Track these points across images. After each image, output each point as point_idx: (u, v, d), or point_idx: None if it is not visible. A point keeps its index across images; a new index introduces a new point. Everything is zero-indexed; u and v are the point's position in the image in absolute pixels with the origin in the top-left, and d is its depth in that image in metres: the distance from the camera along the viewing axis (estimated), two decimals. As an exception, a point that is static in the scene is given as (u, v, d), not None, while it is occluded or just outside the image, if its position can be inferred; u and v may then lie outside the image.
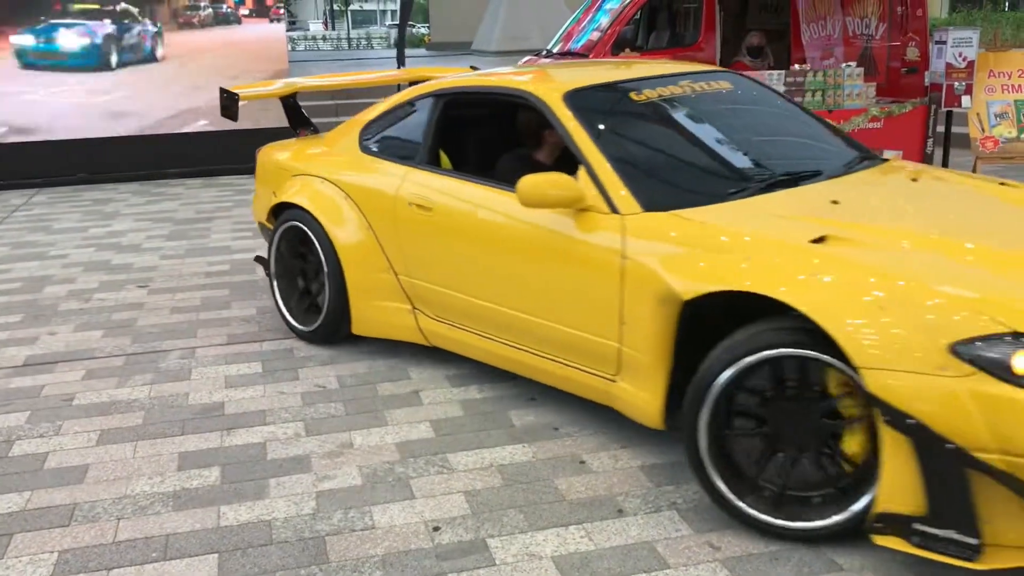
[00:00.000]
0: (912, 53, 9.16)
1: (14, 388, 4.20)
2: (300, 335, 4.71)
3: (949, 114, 7.90)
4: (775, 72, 7.47)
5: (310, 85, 5.68)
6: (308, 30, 51.65)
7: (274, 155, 5.08)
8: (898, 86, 8.90)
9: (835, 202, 3.32)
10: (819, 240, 2.91)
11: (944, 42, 7.65)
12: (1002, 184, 3.66)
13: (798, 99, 7.38)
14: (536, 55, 9.44)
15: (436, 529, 2.95)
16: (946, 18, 20.57)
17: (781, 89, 7.36)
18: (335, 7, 54.67)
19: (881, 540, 2.62)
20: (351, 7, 55.68)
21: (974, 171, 7.89)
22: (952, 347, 2.48)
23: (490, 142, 4.38)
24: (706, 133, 3.90)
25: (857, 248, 2.88)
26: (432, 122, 4.26)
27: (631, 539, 2.87)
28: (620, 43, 8.63)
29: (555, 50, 9.25)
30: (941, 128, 7.89)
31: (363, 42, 41.06)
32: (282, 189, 4.73)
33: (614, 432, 3.57)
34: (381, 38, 40.09)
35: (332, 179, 4.53)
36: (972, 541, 2.48)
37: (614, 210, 3.32)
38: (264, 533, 2.96)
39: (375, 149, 4.49)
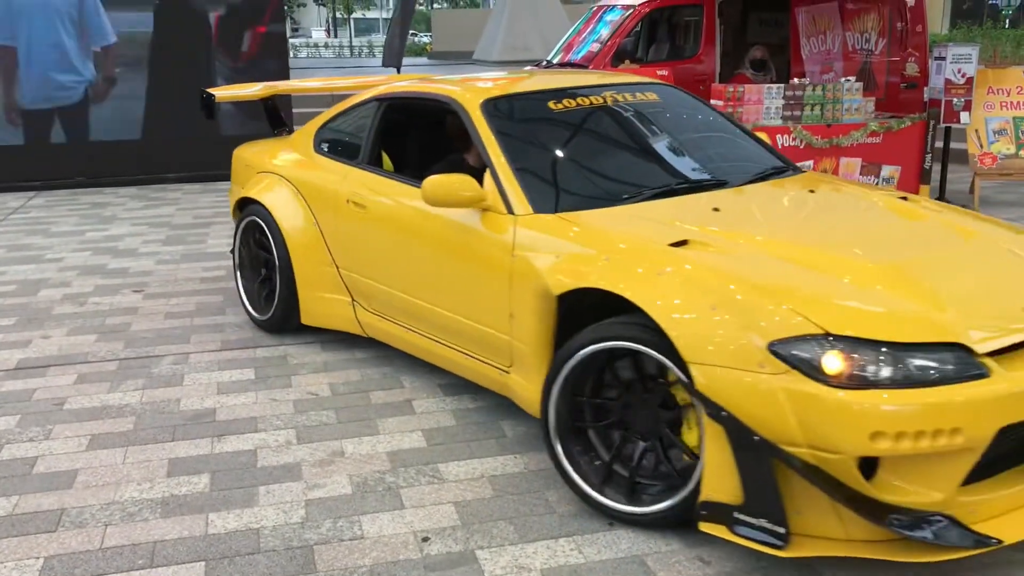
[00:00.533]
0: (911, 69, 9.17)
1: (5, 391, 4.18)
2: (257, 324, 4.98)
3: (948, 130, 7.92)
4: (774, 86, 7.48)
5: (286, 88, 5.98)
6: (311, 37, 51.77)
7: (245, 153, 5.38)
8: (897, 101, 8.91)
9: (716, 209, 3.48)
10: (680, 243, 3.08)
11: (943, 58, 7.67)
12: (903, 199, 3.78)
13: (796, 113, 7.40)
14: (536, 65, 9.46)
15: (425, 540, 2.93)
16: (946, 34, 20.64)
17: (780, 103, 7.38)
18: (338, 15, 54.80)
19: (706, 527, 2.76)
20: (354, 15, 55.79)
21: (972, 188, 7.90)
22: (770, 346, 2.60)
23: (429, 145, 4.58)
24: (615, 142, 4.11)
25: (708, 252, 3.04)
26: (373, 125, 4.49)
27: (621, 552, 2.86)
28: (620, 55, 8.66)
29: (555, 61, 9.27)
30: (940, 144, 7.90)
31: (365, 50, 41.14)
32: (247, 185, 5.03)
33: (606, 444, 3.55)
34: (383, 46, 40.18)
35: (287, 176, 4.79)
36: (780, 530, 2.60)
37: (510, 211, 3.52)
38: (252, 541, 2.94)
39: (325, 149, 4.76)
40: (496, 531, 2.97)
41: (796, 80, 7.88)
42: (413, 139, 4.77)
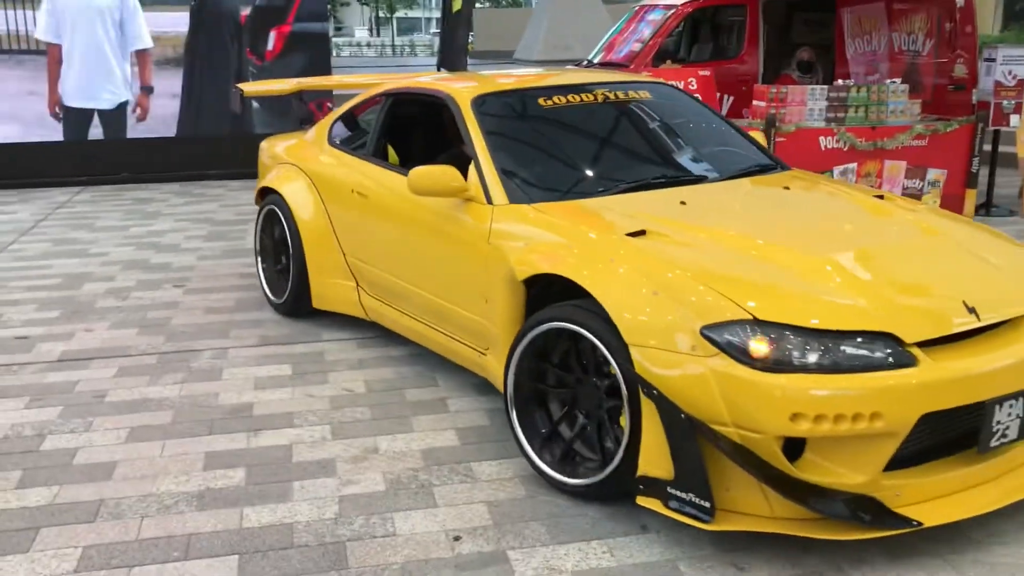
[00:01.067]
0: (960, 70, 9.00)
1: (48, 383, 4.25)
2: (274, 307, 5.25)
3: (996, 133, 7.76)
4: (817, 87, 7.38)
5: (312, 84, 6.23)
6: (354, 36, 52.13)
7: (269, 145, 5.68)
8: (945, 103, 8.74)
9: (683, 203, 3.62)
10: (638, 234, 3.23)
11: (993, 60, 7.53)
12: (879, 197, 3.89)
13: (840, 115, 7.30)
14: (577, 65, 9.43)
15: (457, 539, 2.93)
16: (998, 35, 20.24)
17: (823, 104, 7.28)
18: (380, 14, 55.11)
19: (643, 501, 2.89)
20: (396, 15, 56.06)
21: (1021, 192, 7.74)
22: (702, 330, 2.75)
23: (433, 139, 4.74)
24: (598, 137, 4.26)
25: (659, 242, 3.20)
26: (380, 118, 4.74)
27: (654, 556, 2.83)
28: (661, 55, 8.59)
29: (596, 60, 9.23)
30: (988, 147, 7.75)
31: (407, 49, 41.35)
32: (265, 175, 5.36)
33: (641, 447, 3.53)
34: (425, 45, 40.32)
35: (303, 168, 5.07)
36: (706, 504, 2.72)
37: (489, 201, 3.71)
38: (285, 536, 2.95)
39: (337, 142, 5.01)
40: (528, 532, 2.96)
41: (840, 81, 7.77)
42: (418, 133, 4.93)
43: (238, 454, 3.53)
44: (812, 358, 2.67)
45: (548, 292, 3.33)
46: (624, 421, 2.94)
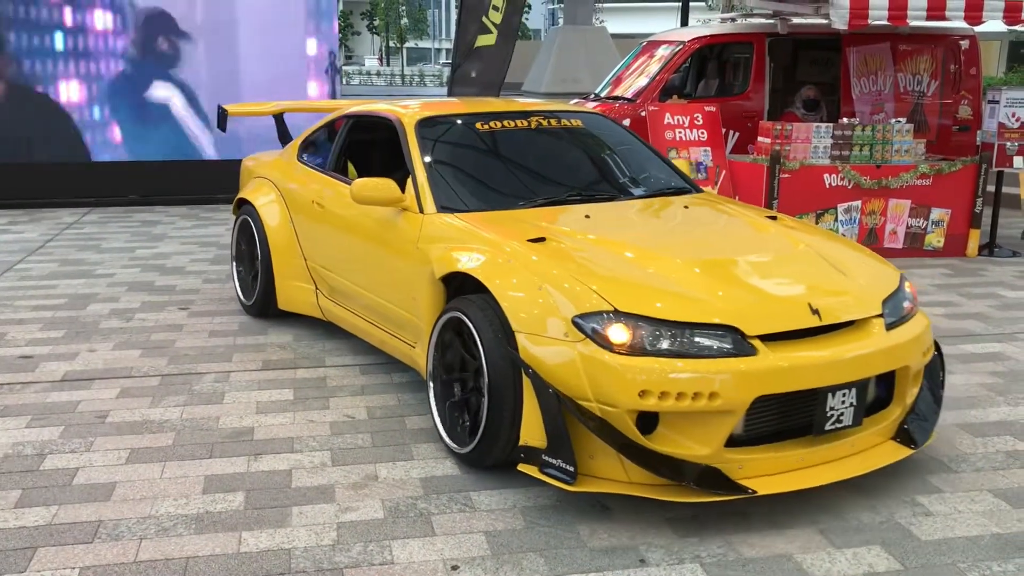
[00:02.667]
0: (964, 111, 9.08)
1: (50, 402, 4.27)
2: (245, 308, 5.71)
3: (1000, 174, 7.80)
4: (823, 125, 7.43)
5: (293, 107, 6.73)
6: (364, 65, 52.55)
7: (249, 162, 6.23)
8: (949, 144, 8.81)
9: (587, 216, 4.10)
10: (538, 240, 3.70)
11: (997, 102, 7.58)
12: (771, 218, 4.34)
13: (845, 152, 7.34)
14: (584, 98, 9.50)
15: (454, 568, 2.92)
16: (1002, 78, 20.37)
17: (828, 142, 7.34)
18: (391, 44, 55.59)
19: (523, 468, 3.30)
20: (406, 45, 56.55)
21: (1024, 234, 7.76)
22: (573, 319, 3.23)
23: (390, 157, 4.98)
24: (526, 158, 4.74)
25: (555, 247, 3.67)
26: (340, 138, 5.22)
27: (651, 590, 2.82)
28: (668, 90, 8.67)
29: (603, 94, 9.30)
30: (992, 188, 7.78)
31: (416, 79, 41.64)
32: (243, 188, 5.86)
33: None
34: (434, 76, 40.62)
35: (274, 181, 5.59)
36: (570, 469, 3.15)
37: (421, 210, 4.20)
38: (283, 561, 2.95)
39: (305, 158, 5.51)
40: (526, 563, 2.96)
41: (845, 120, 7.82)
42: (374, 152, 5.29)
43: (238, 478, 3.53)
44: (663, 345, 3.14)
45: (463, 289, 3.76)
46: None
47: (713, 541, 3.10)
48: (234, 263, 5.86)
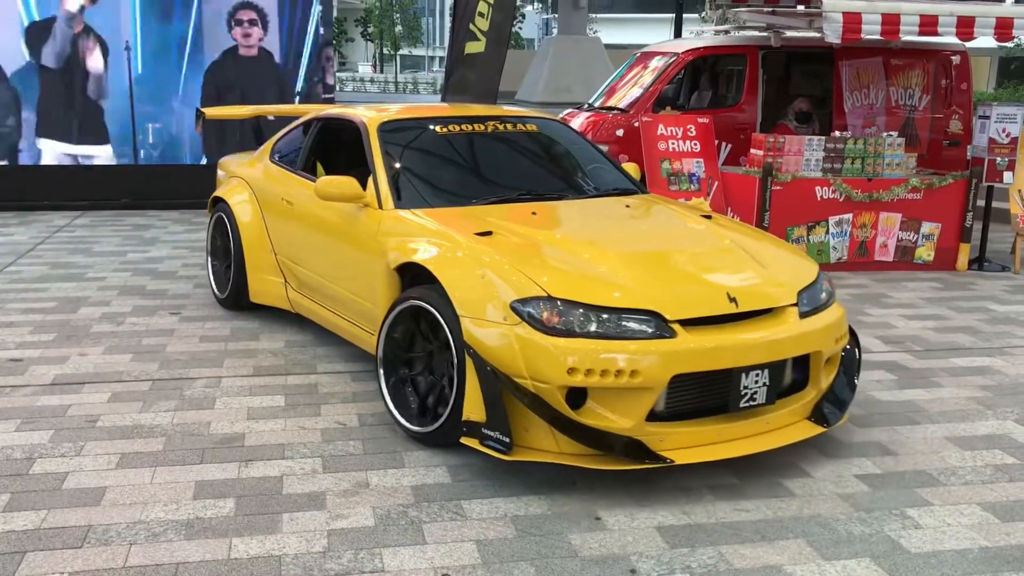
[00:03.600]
0: (955, 126, 9.14)
1: (40, 406, 4.25)
2: (219, 301, 6.00)
3: (990, 189, 7.84)
4: (815, 138, 7.47)
5: (268, 111, 7.04)
6: (357, 72, 52.55)
7: (225, 162, 6.50)
8: (940, 158, 8.86)
9: (534, 213, 4.44)
10: (485, 234, 4.01)
11: (988, 117, 7.63)
12: (707, 216, 4.65)
13: (837, 165, 7.38)
14: (578, 108, 9.53)
15: (445, 576, 2.92)
16: (992, 93, 20.51)
17: (820, 155, 7.38)
18: (384, 51, 55.63)
19: (465, 440, 3.60)
20: (400, 52, 56.57)
21: (1013, 248, 7.81)
22: (511, 304, 3.55)
23: (354, 156, 5.19)
24: (481, 159, 5.05)
25: (500, 240, 3.97)
26: (309, 139, 5.54)
27: (642, 600, 2.82)
28: (661, 101, 8.69)
29: (596, 104, 9.33)
30: (982, 202, 7.83)
31: (410, 86, 41.63)
32: (219, 187, 6.14)
33: (633, 489, 3.53)
34: (427, 83, 40.63)
35: (248, 180, 5.86)
36: (506, 440, 3.47)
37: (380, 206, 4.50)
38: (273, 568, 2.94)
39: (276, 159, 5.78)
40: (517, 572, 2.96)
41: (837, 133, 7.86)
42: (342, 152, 5.53)
43: (228, 484, 3.52)
44: (591, 327, 3.46)
45: (417, 280, 4.04)
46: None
47: (704, 551, 3.10)
48: (209, 258, 6.16)
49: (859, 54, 8.81)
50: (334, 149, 5.57)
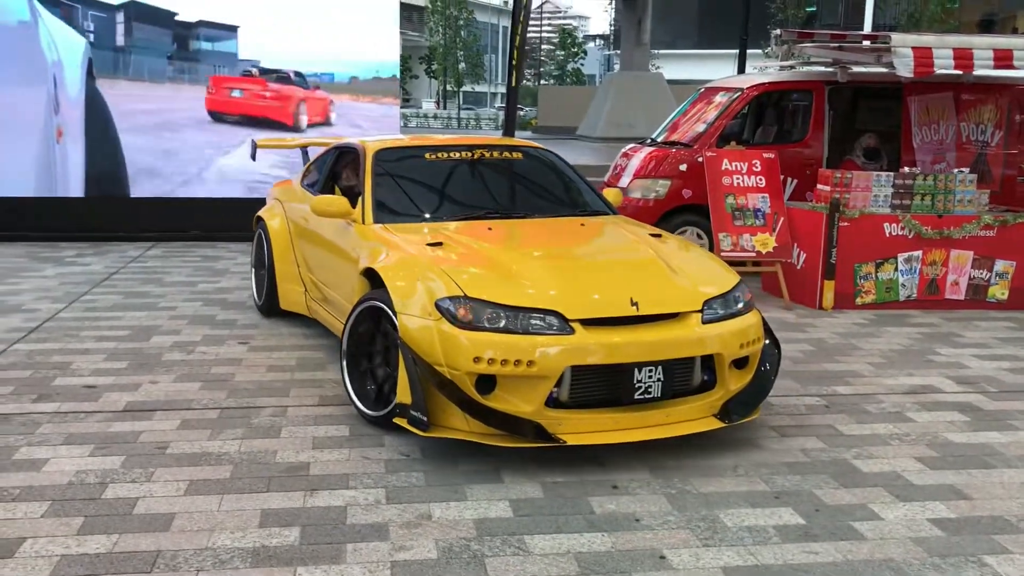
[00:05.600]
0: (1029, 162, 8.91)
1: (113, 432, 4.35)
2: (257, 307, 6.76)
3: (1067, 227, 7.61)
4: (883, 174, 7.36)
5: (313, 141, 7.58)
6: (421, 108, 53.34)
7: (273, 187, 7.23)
8: (1014, 195, 8.65)
9: (490, 228, 4.95)
10: (436, 244, 4.59)
11: (1064, 153, 7.43)
12: (654, 235, 5.02)
13: (906, 202, 7.25)
14: (640, 143, 9.53)
15: (508, 612, 2.90)
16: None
17: (889, 191, 7.26)
18: (447, 88, 56.41)
19: (397, 420, 4.14)
20: (463, 88, 57.31)
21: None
22: (435, 302, 4.10)
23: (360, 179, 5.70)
24: (460, 182, 5.63)
25: (445, 249, 4.54)
26: (328, 165, 6.25)
27: (708, 642, 2.77)
28: (726, 136, 8.65)
29: (659, 139, 9.32)
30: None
31: (472, 122, 42.12)
32: (263, 209, 6.92)
33: (698, 529, 3.48)
34: (489, 119, 41.04)
35: (282, 201, 6.68)
36: (424, 419, 4.02)
37: (363, 221, 5.13)
38: (337, 598, 2.95)
39: (305, 184, 6.51)
40: (580, 609, 2.92)
41: (906, 169, 7.73)
42: (353, 175, 5.93)
43: (294, 513, 3.55)
44: (501, 323, 3.98)
45: (379, 284, 4.50)
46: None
47: (771, 594, 3.03)
48: (252, 270, 6.90)
49: (929, 89, 8.68)
50: (346, 172, 6.12)
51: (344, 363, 4.63)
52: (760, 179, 7.65)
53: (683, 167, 8.49)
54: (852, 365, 5.76)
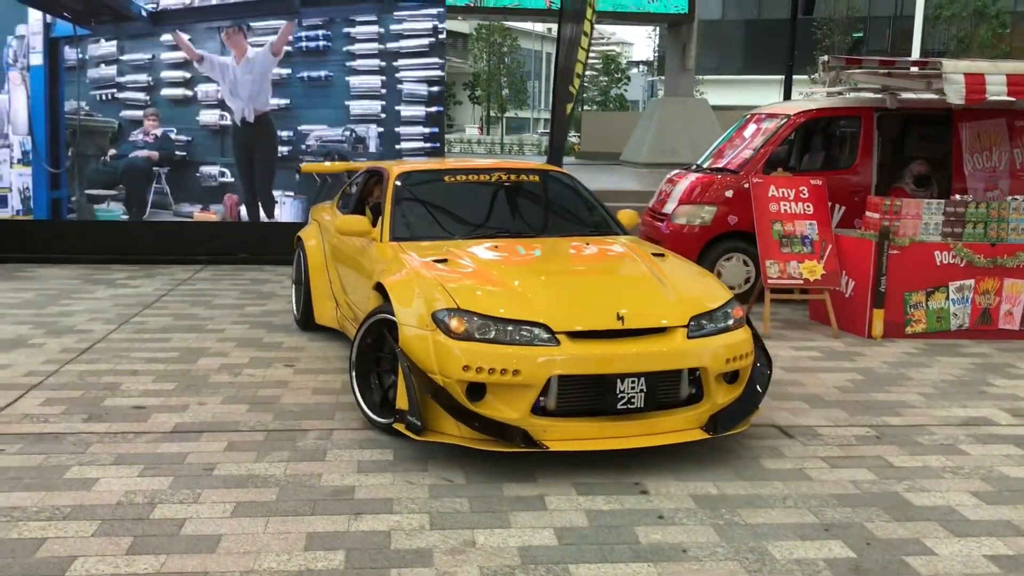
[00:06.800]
0: (1086, 190, 8.71)
1: (161, 453, 4.40)
2: (296, 321, 7.08)
3: None
4: (934, 201, 7.24)
5: (355, 166, 7.73)
6: (464, 133, 53.72)
7: (313, 209, 7.67)
8: (1069, 223, 8.44)
9: (496, 247, 5.25)
10: (441, 260, 4.87)
11: (1122, 180, 7.26)
12: (656, 255, 5.20)
13: (957, 230, 7.13)
14: (685, 169, 9.50)
15: (553, 641, 2.86)
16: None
17: (940, 219, 7.14)
18: (491, 114, 56.76)
19: (396, 426, 4.39)
20: (506, 114, 57.61)
21: None
22: (432, 314, 4.34)
23: None
24: (474, 204, 5.92)
25: (448, 265, 4.81)
26: (359, 187, 6.63)
27: None
28: (773, 162, 8.58)
29: (705, 165, 9.28)
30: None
31: (515, 147, 42.31)
32: (304, 228, 7.30)
33: (746, 560, 3.42)
34: (532, 144, 41.21)
35: (319, 222, 7.06)
36: (418, 423, 4.23)
37: (381, 239, 5.46)
38: (381, 624, 2.94)
39: (340, 204, 6.95)
40: (626, 640, 2.88)
41: (958, 196, 7.60)
42: (381, 195, 6.14)
43: (338, 536, 3.56)
44: (491, 334, 4.20)
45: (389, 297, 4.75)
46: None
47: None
48: (293, 286, 7.27)
49: (981, 115, 8.55)
50: (375, 193, 6.39)
51: (353, 373, 4.84)
52: (808, 206, 7.57)
53: (729, 193, 8.43)
54: (903, 395, 5.66)
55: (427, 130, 10.61)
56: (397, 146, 10.46)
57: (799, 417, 5.16)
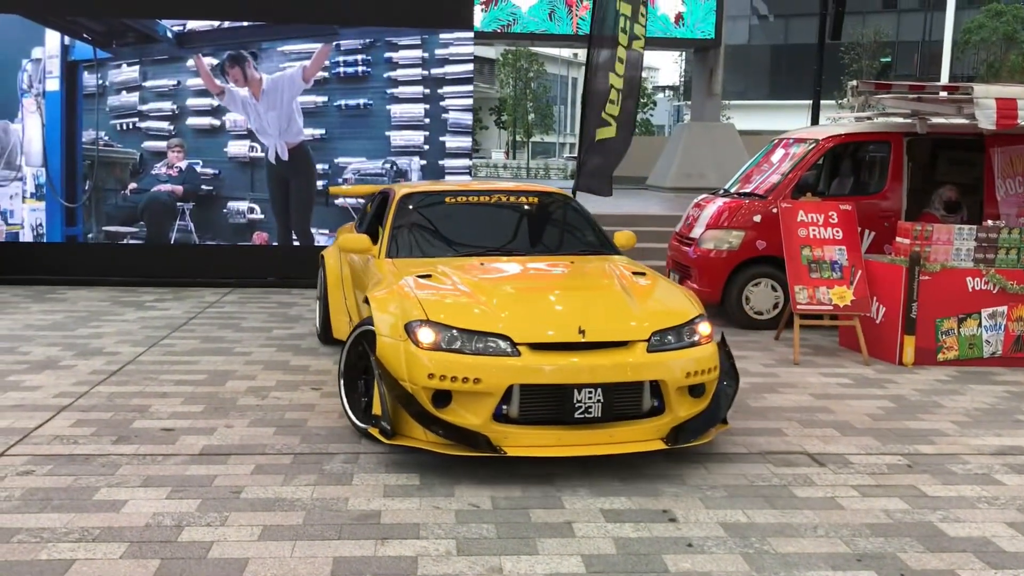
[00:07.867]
0: (1121, 216, 8.59)
1: (189, 475, 4.41)
2: (318, 336, 7.41)
3: None
4: (965, 227, 7.17)
5: (383, 188, 7.78)
6: (491, 158, 53.94)
7: (340, 228, 7.98)
8: (1104, 249, 8.31)
9: (482, 264, 5.43)
10: (425, 276, 5.09)
11: None
12: (639, 274, 5.33)
13: (989, 256, 7.04)
14: (713, 194, 9.47)
15: (581, 671, 2.83)
16: None
17: (972, 245, 7.07)
18: (517, 138, 57.00)
19: (371, 430, 4.66)
20: (532, 139, 57.83)
21: None
22: (404, 325, 4.60)
23: None
24: (471, 224, 6.11)
25: (431, 280, 5.03)
26: (373, 206, 6.92)
27: None
28: (801, 187, 8.54)
29: (732, 190, 9.25)
30: None
31: (541, 171, 42.42)
32: (327, 248, 7.63)
33: (776, 591, 3.36)
34: (559, 169, 41.30)
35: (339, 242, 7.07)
36: (388, 427, 4.52)
37: (379, 256, 5.75)
38: (408, 651, 2.92)
39: (357, 224, 7.33)
40: (655, 671, 2.84)
41: (990, 222, 7.52)
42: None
43: (365, 561, 3.54)
44: (456, 345, 4.45)
45: None
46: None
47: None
48: (317, 302, 7.57)
49: (1013, 140, 8.46)
50: (384, 213, 6.60)
51: (341, 381, 5.11)
52: (837, 231, 7.52)
53: (757, 218, 8.39)
54: (935, 423, 5.57)
55: (469, 163, 10.54)
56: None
57: (830, 445, 5.09)
